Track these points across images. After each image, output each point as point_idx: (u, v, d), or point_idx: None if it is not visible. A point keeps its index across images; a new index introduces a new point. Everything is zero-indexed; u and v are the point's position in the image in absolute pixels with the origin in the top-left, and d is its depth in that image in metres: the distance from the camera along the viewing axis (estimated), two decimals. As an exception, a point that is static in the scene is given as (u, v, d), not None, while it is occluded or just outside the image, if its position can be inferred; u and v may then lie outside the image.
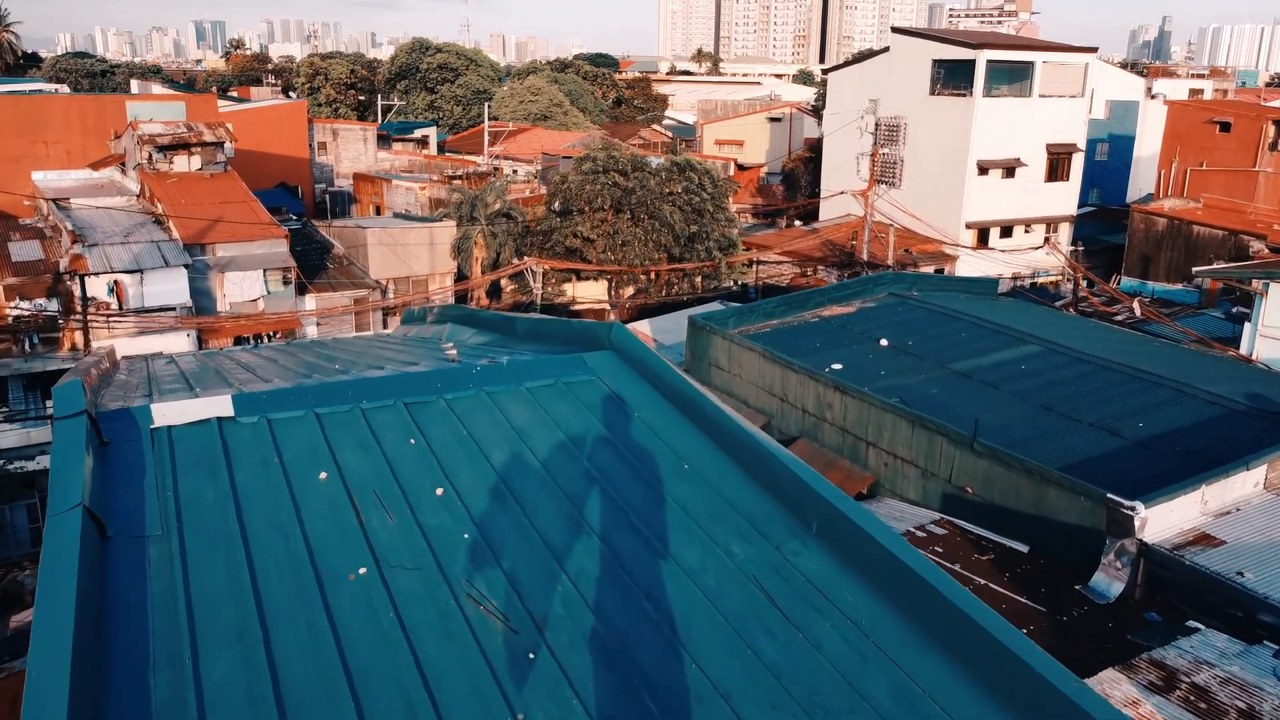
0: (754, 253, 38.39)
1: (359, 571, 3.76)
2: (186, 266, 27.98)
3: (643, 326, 26.37)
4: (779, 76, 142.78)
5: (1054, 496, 12.11)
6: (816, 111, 61.68)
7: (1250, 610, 10.25)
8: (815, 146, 53.81)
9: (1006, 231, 40.92)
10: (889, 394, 15.13)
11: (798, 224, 47.27)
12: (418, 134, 64.84)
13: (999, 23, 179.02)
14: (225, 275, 29.09)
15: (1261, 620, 10.10)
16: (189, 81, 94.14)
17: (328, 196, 50.38)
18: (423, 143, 63.87)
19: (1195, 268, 28.07)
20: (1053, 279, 38.92)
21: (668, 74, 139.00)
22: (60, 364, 24.88)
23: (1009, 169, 39.97)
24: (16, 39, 78.38)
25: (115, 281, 26.96)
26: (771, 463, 4.47)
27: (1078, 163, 41.80)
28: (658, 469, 4.64)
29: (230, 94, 69.98)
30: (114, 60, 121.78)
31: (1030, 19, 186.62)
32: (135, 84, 68.03)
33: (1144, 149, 51.27)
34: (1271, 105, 48.31)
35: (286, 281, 30.24)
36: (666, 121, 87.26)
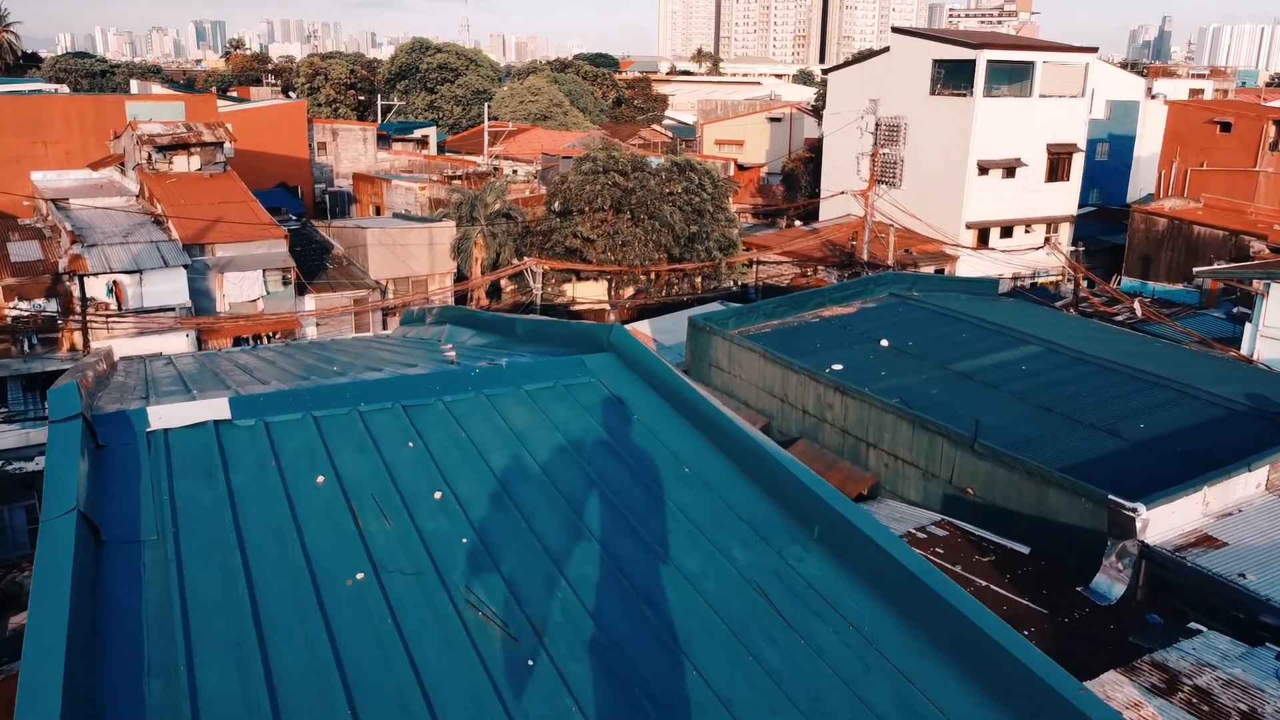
0: (754, 253, 38.35)
1: (356, 577, 3.72)
2: (186, 267, 27.95)
3: (643, 327, 26.32)
4: (779, 76, 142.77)
5: (1055, 498, 12.08)
6: (816, 111, 61.65)
7: (1252, 612, 10.22)
8: (815, 146, 53.77)
9: (1007, 232, 40.89)
10: (889, 395, 15.10)
11: (798, 224, 47.23)
12: (417, 134, 64.80)
13: (999, 23, 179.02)
14: (224, 275, 29.06)
15: (1263, 622, 10.07)
16: (189, 81, 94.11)
17: (327, 197, 50.35)
18: (422, 143, 63.83)
19: (1196, 268, 28.03)
20: (1053, 279, 38.87)
21: (668, 74, 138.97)
22: (59, 364, 24.84)
23: (1009, 169, 39.93)
24: (16, 39, 78.41)
25: (114, 282, 26.93)
26: (773, 466, 4.43)
27: (1078, 163, 41.77)
28: (658, 473, 4.60)
29: (230, 94, 69.97)
30: (114, 60, 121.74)
31: (1030, 19, 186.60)
32: (135, 84, 68.01)
33: (1144, 149, 51.25)
34: (1272, 105, 48.27)
35: (286, 282, 30.21)
36: (666, 121, 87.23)
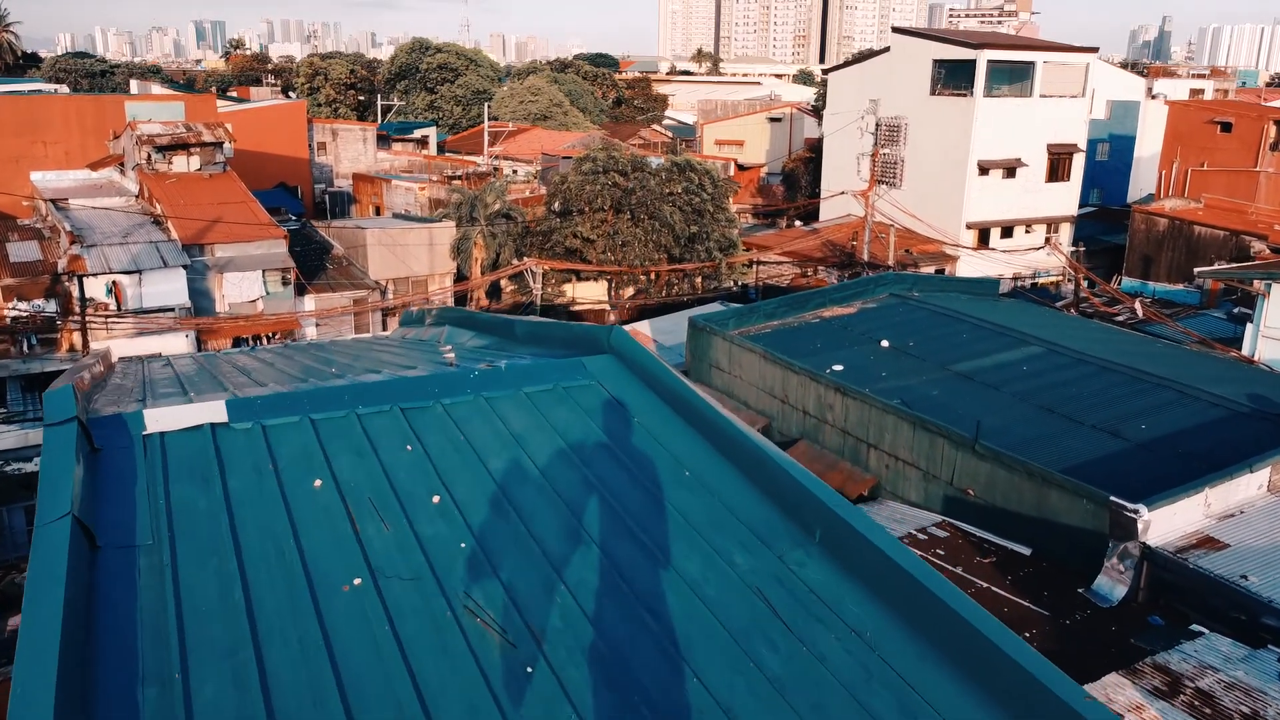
0: (754, 253, 38.31)
1: (354, 583, 3.68)
2: (185, 267, 27.92)
3: (643, 327, 26.27)
4: (779, 76, 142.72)
5: (1056, 499, 12.04)
6: (816, 111, 61.61)
7: (1254, 614, 10.19)
8: (815, 147, 53.73)
9: (1007, 232, 40.86)
10: (890, 395, 15.06)
11: (798, 224, 47.18)
12: (417, 134, 64.75)
13: (999, 23, 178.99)
14: (224, 276, 29.02)
15: (1266, 624, 10.03)
16: (188, 82, 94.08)
17: (327, 197, 50.32)
18: (422, 143, 63.77)
19: (1197, 268, 27.99)
20: (1053, 279, 38.83)
21: (668, 74, 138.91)
22: (58, 365, 24.81)
23: (1010, 169, 39.90)
24: (16, 39, 78.40)
25: (113, 282, 26.90)
26: (774, 469, 4.39)
27: (1078, 163, 41.74)
28: (658, 476, 4.55)
29: (230, 94, 69.94)
30: (114, 60, 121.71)
31: (1030, 19, 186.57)
32: (135, 84, 67.99)
33: (1145, 149, 51.21)
34: (1272, 105, 48.22)
35: (285, 282, 30.17)
36: (666, 121, 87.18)
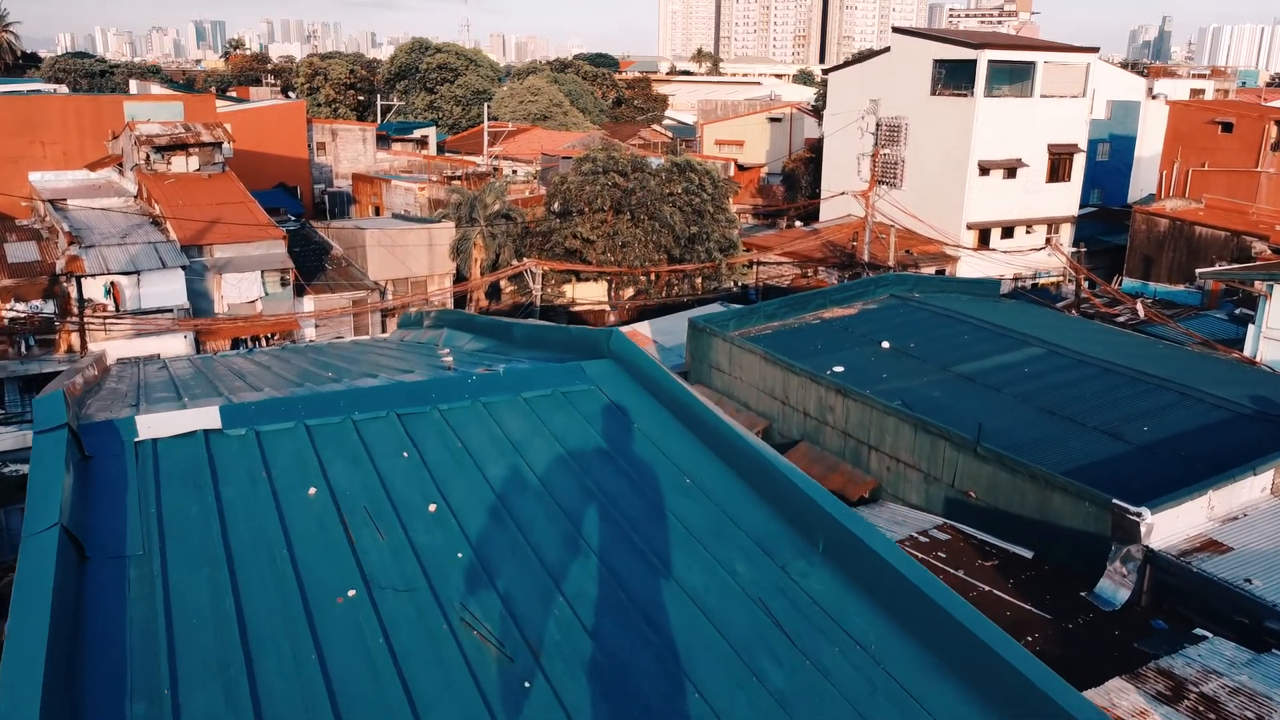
0: (754, 254, 38.23)
1: (348, 594, 3.60)
2: (184, 268, 27.84)
3: (643, 328, 26.20)
4: (779, 76, 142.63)
5: (1058, 501, 11.97)
6: (817, 112, 61.52)
7: (1258, 618, 10.12)
8: (816, 147, 53.65)
9: (1008, 232, 40.78)
10: (891, 397, 15.00)
11: (798, 225, 47.09)
12: (417, 134, 64.65)
13: (999, 23, 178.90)
14: (223, 277, 28.95)
15: (1270, 628, 9.96)
16: (188, 82, 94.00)
17: (326, 197, 50.24)
18: (422, 143, 63.67)
19: (1198, 269, 27.92)
20: (1054, 280, 38.76)
21: (668, 74, 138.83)
22: (56, 366, 24.74)
23: (1010, 169, 39.83)
24: (16, 39, 78.34)
25: (112, 283, 26.83)
26: (776, 477, 4.31)
27: (1079, 163, 41.66)
28: (658, 483, 4.47)
29: (229, 94, 69.86)
30: (114, 60, 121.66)
31: (1030, 19, 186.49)
32: (134, 84, 67.92)
33: (1145, 149, 51.14)
34: (1273, 105, 48.15)
35: (285, 283, 30.10)
36: (666, 122, 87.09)
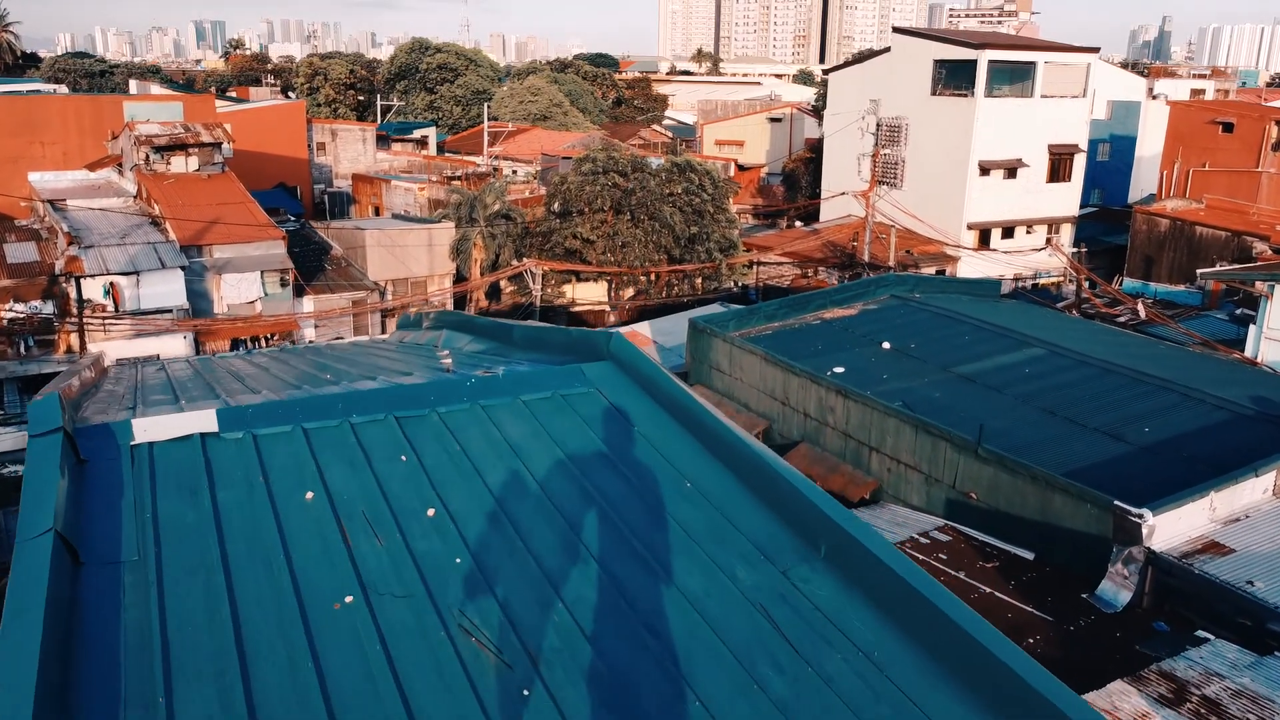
0: (754, 254, 38.18)
1: (345, 600, 3.56)
2: (183, 268, 27.80)
3: (643, 328, 26.17)
4: (779, 76, 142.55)
5: (1060, 503, 11.95)
6: (817, 112, 61.47)
7: (1260, 620, 10.09)
8: (816, 147, 53.60)
9: (1008, 232, 40.74)
10: (892, 398, 14.96)
11: (798, 225, 47.05)
12: (417, 134, 64.59)
13: (999, 23, 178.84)
14: (222, 277, 28.92)
15: (1272, 630, 9.93)
16: (188, 82, 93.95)
17: (326, 197, 50.19)
18: (422, 143, 63.62)
19: (1199, 269, 27.88)
20: (1054, 280, 38.71)
21: (668, 74, 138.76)
22: (56, 367, 24.71)
23: (1011, 169, 39.79)
24: (16, 39, 78.31)
25: (111, 283, 26.79)
26: (777, 481, 4.27)
27: (1079, 163, 41.62)
28: (659, 488, 4.44)
29: (229, 94, 69.81)
30: (114, 60, 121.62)
31: (1030, 19, 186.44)
32: (134, 84, 67.87)
33: (1146, 149, 51.11)
34: (1273, 105, 48.10)
35: (284, 283, 30.06)
36: (666, 122, 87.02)
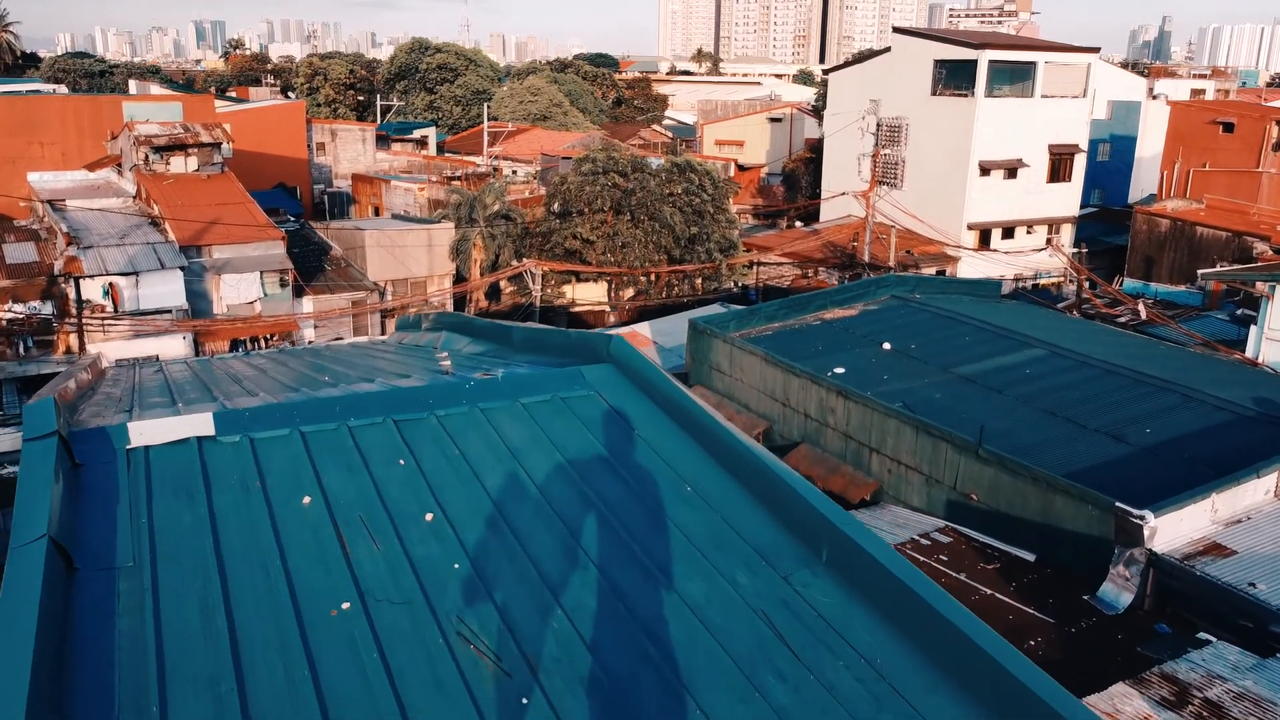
0: (755, 254, 38.15)
1: (342, 606, 3.52)
2: (182, 269, 27.76)
3: (643, 329, 26.15)
4: (779, 76, 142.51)
5: (1061, 504, 11.91)
6: (817, 112, 61.44)
7: (1263, 622, 10.06)
8: (816, 147, 53.57)
9: (1008, 233, 40.72)
10: (892, 399, 14.93)
11: (798, 225, 47.02)
12: (417, 134, 64.56)
13: (999, 23, 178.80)
14: (222, 277, 28.88)
15: (1274, 632, 9.91)
16: (188, 82, 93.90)
17: (326, 197, 50.15)
18: (422, 143, 63.58)
19: (1200, 270, 27.84)
20: (1055, 280, 38.68)
21: (668, 74, 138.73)
22: (55, 367, 24.67)
23: (1011, 170, 39.76)
24: (16, 39, 78.29)
25: (110, 284, 26.75)
26: (779, 485, 4.24)
27: (1080, 163, 41.59)
28: (659, 492, 4.40)
29: (229, 94, 69.77)
30: (114, 60, 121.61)
31: (1030, 19, 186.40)
32: (133, 84, 67.83)
33: (1146, 149, 51.08)
34: (1273, 105, 48.07)
35: (284, 283, 30.02)
36: (666, 122, 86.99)
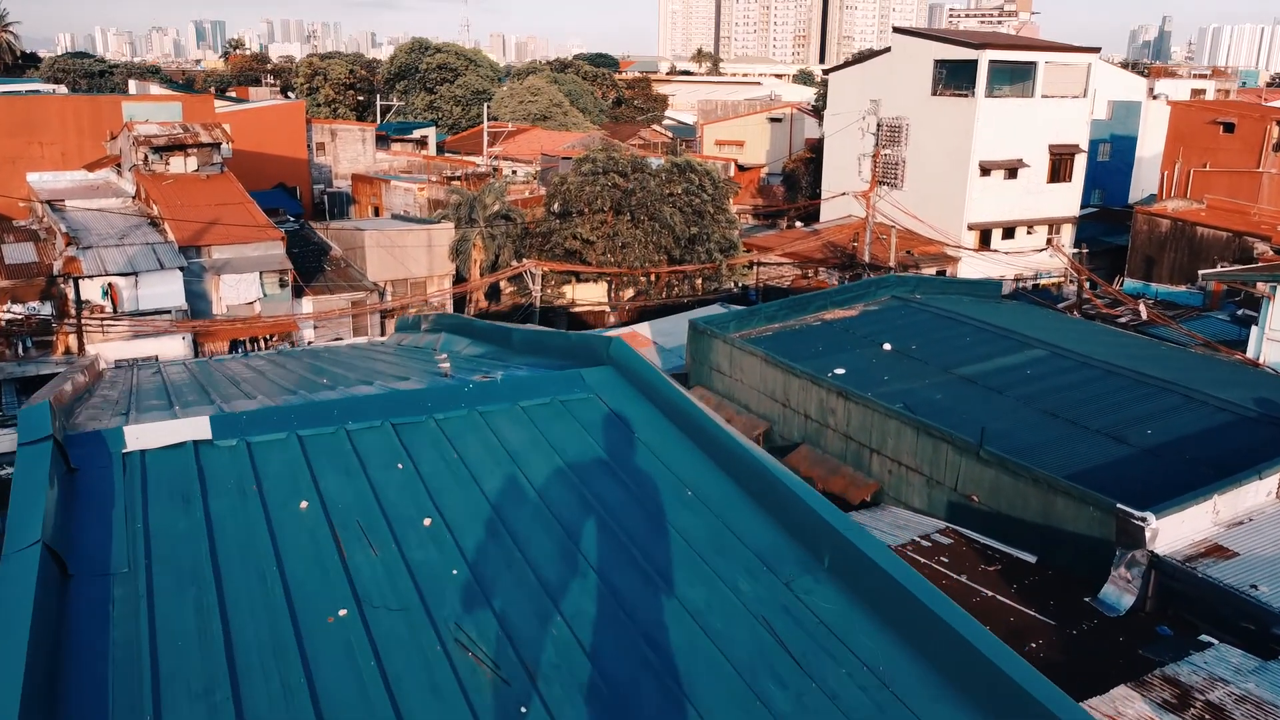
0: (755, 254, 38.12)
1: (339, 613, 3.49)
2: (182, 269, 27.73)
3: (643, 329, 26.11)
4: (779, 76, 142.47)
5: (1062, 506, 11.88)
6: (817, 112, 61.40)
7: (1265, 624, 10.03)
8: (816, 147, 53.54)
9: (1009, 233, 40.68)
10: (893, 400, 14.89)
11: (799, 225, 46.99)
12: (417, 134, 64.53)
13: (999, 23, 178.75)
14: (221, 278, 28.85)
15: (1276, 634, 9.87)
16: (188, 82, 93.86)
17: (326, 197, 50.11)
18: (422, 143, 63.55)
19: (1200, 270, 27.81)
20: (1055, 281, 38.64)
21: (668, 74, 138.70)
22: (54, 368, 24.63)
23: (1011, 170, 39.72)
24: (16, 39, 78.26)
25: (110, 284, 26.71)
26: (780, 489, 4.20)
27: (1080, 163, 41.56)
28: (659, 496, 4.36)
29: (229, 94, 69.73)
30: (114, 60, 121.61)
31: (1030, 19, 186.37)
32: (133, 84, 67.79)
33: (1146, 149, 51.05)
34: (1274, 105, 48.03)
35: (283, 284, 29.99)
36: (666, 122, 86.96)
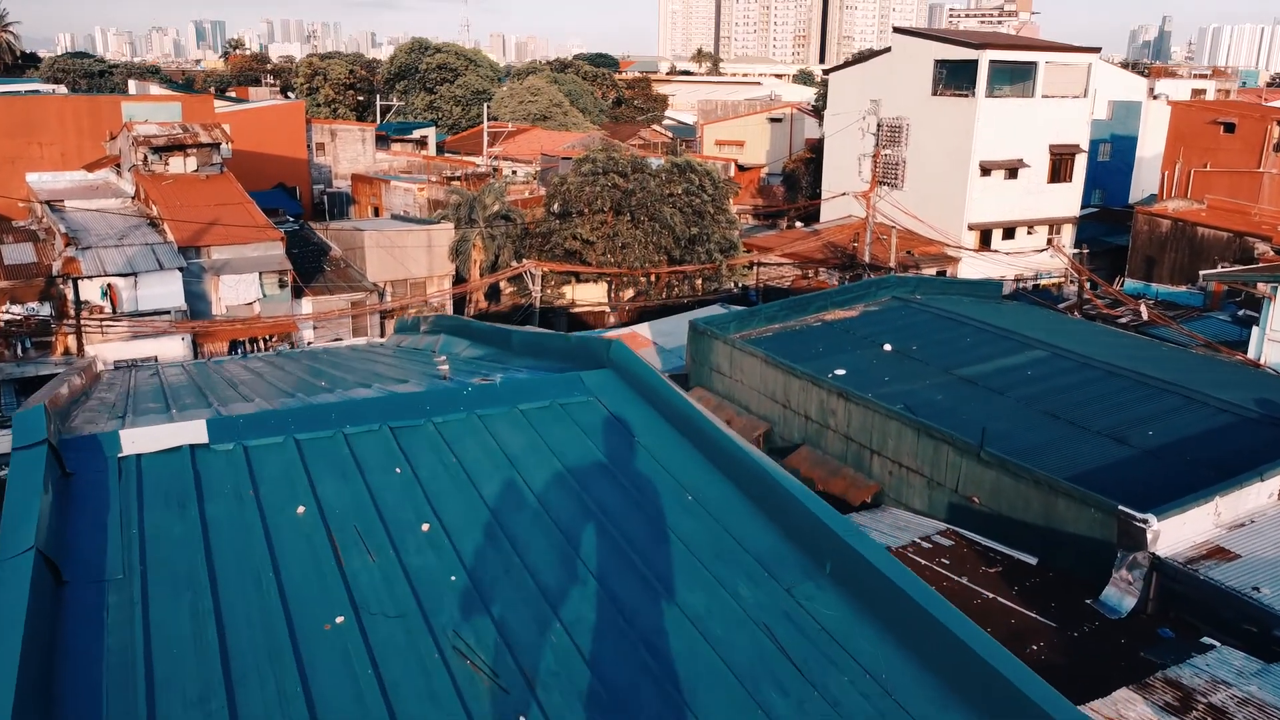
0: (755, 255, 38.09)
1: (336, 620, 3.45)
2: (181, 269, 27.69)
3: (643, 330, 26.07)
4: (779, 77, 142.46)
5: (1063, 507, 11.84)
6: (817, 112, 61.38)
7: (1267, 627, 9.99)
8: (816, 147, 53.52)
9: (1009, 233, 40.65)
10: (893, 401, 14.85)
11: (799, 225, 46.96)
12: (416, 134, 64.51)
13: (999, 23, 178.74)
14: (220, 278, 28.81)
15: (1278, 637, 9.83)
16: (187, 82, 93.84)
17: (325, 198, 50.08)
18: (421, 143, 63.53)
19: (1201, 270, 27.78)
20: (1055, 281, 38.62)
21: (668, 74, 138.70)
22: (53, 369, 24.60)
23: (1012, 170, 39.69)
24: (16, 39, 78.25)
25: (109, 285, 26.68)
26: (781, 494, 4.17)
27: (1080, 163, 41.52)
28: (660, 501, 4.33)
29: (229, 94, 69.70)
30: (113, 60, 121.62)
31: (1030, 19, 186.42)
32: (133, 84, 67.76)
33: (1147, 150, 51.01)
34: (1274, 105, 48.00)
35: (283, 284, 29.96)
36: (666, 122, 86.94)
